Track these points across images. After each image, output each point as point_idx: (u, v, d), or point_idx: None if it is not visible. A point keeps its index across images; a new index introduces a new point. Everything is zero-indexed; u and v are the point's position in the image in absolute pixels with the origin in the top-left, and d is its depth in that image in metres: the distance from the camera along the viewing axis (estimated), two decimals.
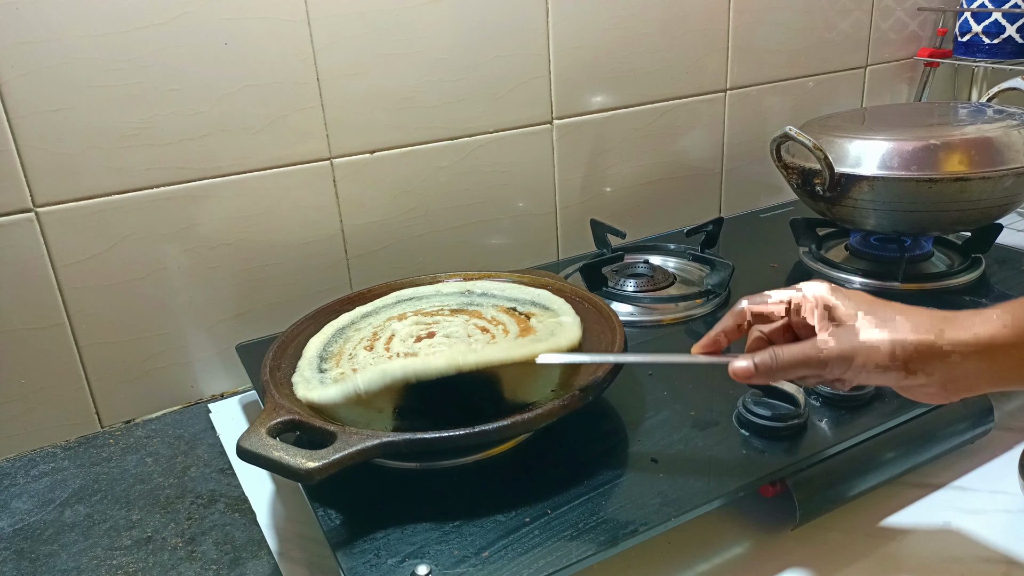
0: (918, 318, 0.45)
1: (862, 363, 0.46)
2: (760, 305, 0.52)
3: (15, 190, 0.67)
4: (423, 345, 0.63)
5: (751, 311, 0.52)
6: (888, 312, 0.46)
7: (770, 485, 0.55)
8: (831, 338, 0.47)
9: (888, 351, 0.45)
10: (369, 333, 0.66)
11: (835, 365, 0.46)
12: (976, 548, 0.54)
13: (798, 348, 0.48)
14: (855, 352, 0.46)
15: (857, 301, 0.48)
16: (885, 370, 0.45)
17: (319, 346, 0.64)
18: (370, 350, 0.63)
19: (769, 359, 0.48)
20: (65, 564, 0.56)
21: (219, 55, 0.72)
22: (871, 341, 0.45)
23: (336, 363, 0.62)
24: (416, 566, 0.47)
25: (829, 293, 0.49)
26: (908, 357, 0.44)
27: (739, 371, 0.49)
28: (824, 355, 0.47)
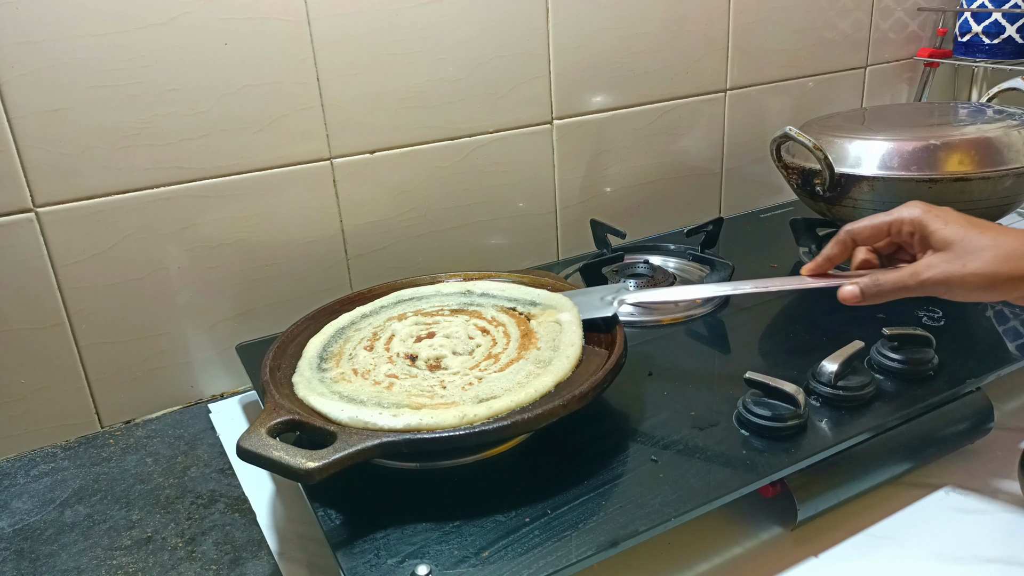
0: (1011, 244, 0.49)
1: (959, 288, 0.50)
2: (861, 230, 0.56)
3: (15, 190, 0.67)
4: (423, 345, 0.63)
5: (852, 236, 0.57)
6: (983, 239, 0.50)
7: (770, 485, 0.55)
8: (925, 267, 0.51)
9: (981, 282, 0.49)
10: (369, 333, 0.66)
11: (932, 290, 0.51)
12: (976, 548, 0.54)
13: (896, 275, 0.53)
14: (949, 281, 0.50)
15: (952, 224, 0.51)
16: (979, 293, 0.50)
17: (319, 346, 0.64)
18: (370, 350, 0.63)
19: (872, 284, 0.54)
20: (65, 564, 0.56)
21: (219, 55, 0.72)
22: (965, 272, 0.50)
23: (336, 363, 0.62)
24: (416, 566, 0.47)
25: (925, 216, 0.53)
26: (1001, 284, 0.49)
27: (847, 295, 0.55)
28: (921, 281, 0.51)
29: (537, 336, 0.63)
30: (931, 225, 0.52)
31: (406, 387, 0.57)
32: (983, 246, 0.50)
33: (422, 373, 0.60)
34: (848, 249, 0.58)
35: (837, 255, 0.58)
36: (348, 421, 0.53)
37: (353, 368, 0.61)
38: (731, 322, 0.78)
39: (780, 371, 0.61)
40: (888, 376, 0.64)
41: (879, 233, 0.56)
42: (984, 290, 0.50)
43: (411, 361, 0.61)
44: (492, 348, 0.63)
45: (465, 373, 0.59)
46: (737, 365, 0.67)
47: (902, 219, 0.54)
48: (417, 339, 0.64)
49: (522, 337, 0.63)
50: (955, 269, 0.50)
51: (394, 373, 0.60)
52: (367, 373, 0.60)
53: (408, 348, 0.63)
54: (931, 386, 0.63)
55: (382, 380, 0.58)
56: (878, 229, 0.56)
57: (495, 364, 0.60)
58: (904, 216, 0.54)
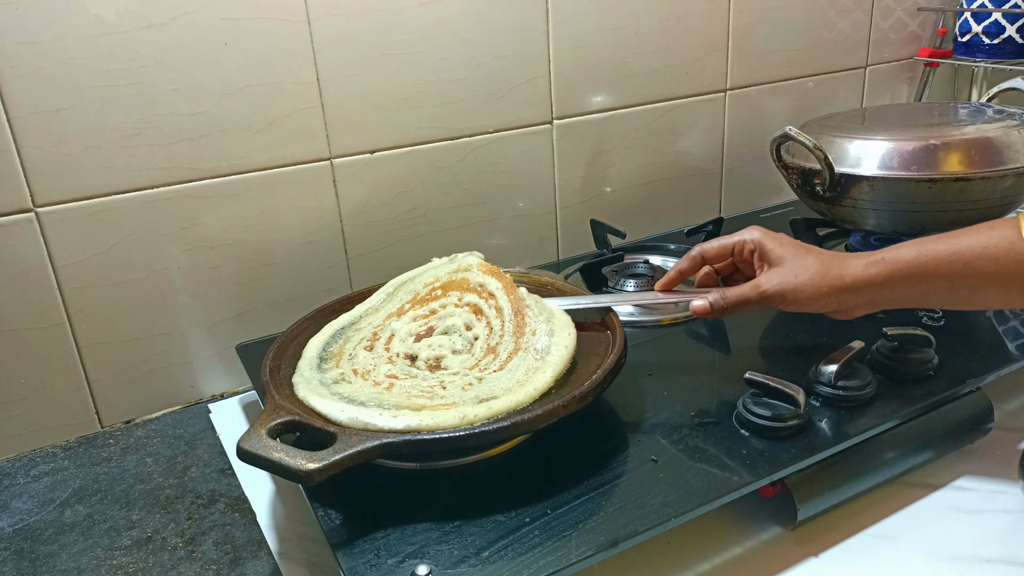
0: (827, 260, 0.60)
1: (793, 300, 0.60)
2: (710, 249, 0.65)
3: (15, 190, 0.67)
4: (423, 345, 0.63)
5: (703, 253, 0.66)
6: (809, 257, 0.60)
7: (770, 485, 0.55)
8: (764, 281, 0.61)
9: (810, 293, 0.59)
10: (369, 333, 0.66)
11: (770, 300, 0.60)
12: (976, 548, 0.54)
13: (740, 289, 0.61)
14: (784, 292, 0.60)
15: (785, 245, 0.61)
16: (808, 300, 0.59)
17: (319, 346, 0.64)
18: (370, 350, 0.63)
19: (720, 298, 0.62)
20: (65, 564, 0.56)
21: (219, 55, 0.72)
22: (797, 283, 0.59)
23: (336, 363, 0.62)
24: (416, 566, 0.47)
25: (762, 237, 0.62)
26: (824, 295, 0.59)
27: (698, 308, 0.63)
28: (761, 291, 0.60)
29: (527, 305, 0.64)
30: (768, 245, 0.62)
31: (406, 388, 0.57)
32: (810, 262, 0.60)
33: (422, 373, 0.60)
34: (697, 265, 0.66)
35: (687, 269, 0.67)
36: (348, 422, 0.53)
37: (353, 368, 0.61)
38: (731, 322, 0.78)
39: (780, 371, 0.61)
40: (888, 376, 0.64)
41: (725, 252, 0.65)
42: (812, 299, 0.59)
43: (411, 361, 0.62)
44: (489, 338, 0.63)
45: (465, 373, 0.59)
46: (737, 365, 0.67)
47: (744, 240, 0.63)
48: (417, 338, 0.64)
49: (515, 315, 0.63)
50: (788, 281, 0.59)
51: (394, 374, 0.60)
52: (367, 373, 0.60)
53: (408, 348, 0.63)
54: (931, 386, 0.63)
55: (382, 381, 0.58)
56: (724, 248, 0.65)
57: (494, 361, 0.60)
58: (746, 237, 0.63)
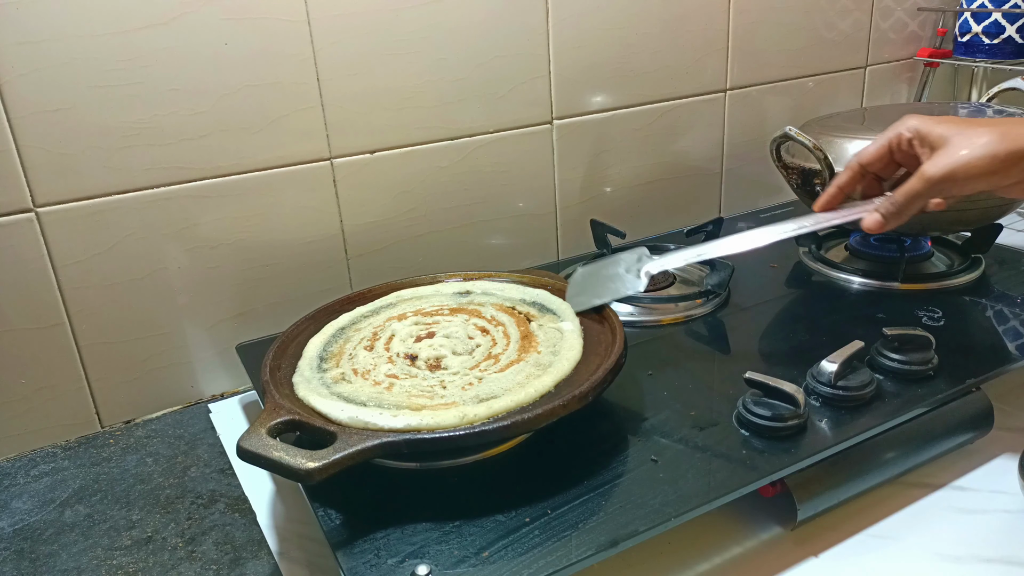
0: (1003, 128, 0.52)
1: (964, 178, 0.52)
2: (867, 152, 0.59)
3: (15, 190, 0.67)
4: (423, 345, 0.63)
5: (860, 160, 0.59)
6: (976, 129, 0.52)
7: (770, 485, 0.55)
8: (929, 166, 0.53)
9: (983, 165, 0.51)
10: (369, 333, 0.66)
11: (940, 188, 0.53)
12: (976, 548, 0.54)
13: (906, 186, 0.55)
14: (954, 172, 0.52)
15: (947, 125, 0.54)
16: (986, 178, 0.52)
17: (319, 346, 0.64)
18: (370, 350, 0.63)
19: (889, 203, 0.56)
20: (65, 564, 0.56)
21: (219, 55, 0.72)
22: (966, 159, 0.51)
23: (336, 363, 0.62)
24: (416, 566, 0.47)
25: (921, 123, 0.56)
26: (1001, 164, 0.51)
27: (870, 223, 0.57)
28: (929, 182, 0.53)
29: (537, 340, 0.63)
30: (926, 127, 0.55)
31: (406, 387, 0.57)
32: (979, 133, 0.52)
33: (422, 373, 0.60)
34: (857, 175, 0.60)
35: (846, 182, 0.60)
36: (348, 421, 0.53)
37: (353, 368, 0.61)
38: (731, 322, 0.78)
39: (780, 371, 0.61)
40: (888, 376, 0.64)
41: (883, 151, 0.58)
42: (987, 175, 0.52)
43: (411, 361, 0.62)
44: (492, 348, 0.63)
45: (465, 373, 0.59)
46: (737, 365, 0.67)
47: (900, 131, 0.57)
48: (417, 339, 0.64)
49: (522, 339, 0.63)
50: (956, 159, 0.52)
51: (394, 373, 0.60)
52: (367, 373, 0.60)
53: (408, 348, 0.63)
54: (931, 386, 0.63)
55: (382, 380, 0.59)
56: (882, 148, 0.58)
57: (495, 364, 0.60)
58: (902, 128, 0.57)
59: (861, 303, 0.81)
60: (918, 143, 0.56)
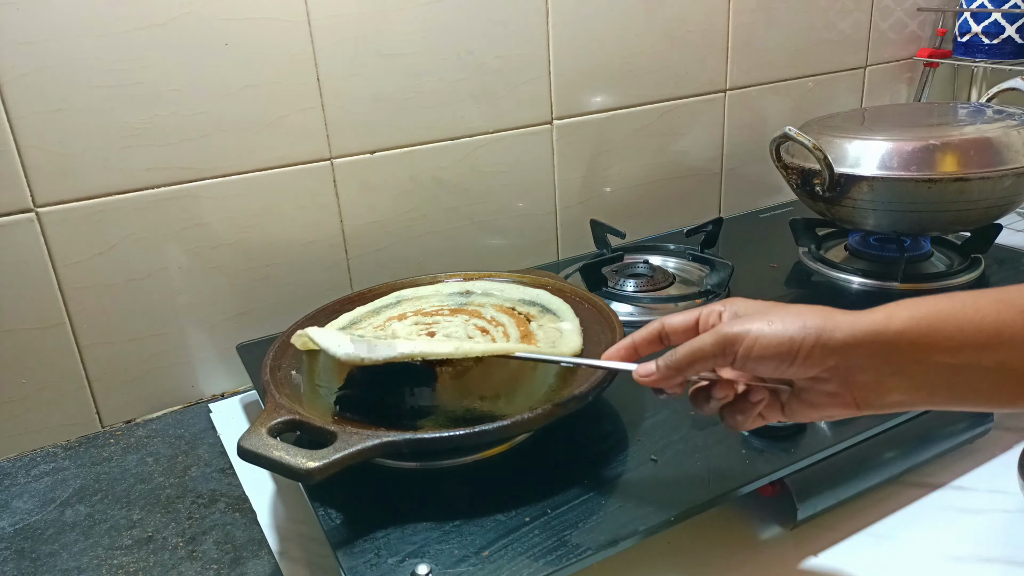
0: (814, 312, 0.44)
1: (751, 344, 0.44)
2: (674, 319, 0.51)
3: (15, 190, 0.67)
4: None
5: (664, 324, 0.51)
6: (790, 309, 0.45)
7: (769, 485, 0.55)
8: (725, 325, 0.46)
9: (778, 332, 0.43)
10: (370, 332, 0.66)
11: (728, 348, 0.45)
12: (975, 548, 0.54)
13: (691, 342, 0.47)
14: (746, 333, 0.44)
15: (763, 304, 0.47)
16: (776, 355, 0.43)
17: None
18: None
19: (669, 357, 0.48)
20: (66, 564, 0.56)
21: (219, 55, 0.72)
22: (762, 327, 0.44)
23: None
24: (416, 565, 0.47)
25: (739, 301, 0.48)
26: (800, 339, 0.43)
27: (642, 373, 0.49)
28: (711, 342, 0.45)
29: (537, 338, 0.63)
30: (742, 305, 0.48)
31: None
32: (789, 312, 0.45)
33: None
34: (656, 337, 0.51)
35: (642, 340, 0.52)
36: (345, 358, 0.54)
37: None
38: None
39: None
40: None
41: (690, 323, 0.50)
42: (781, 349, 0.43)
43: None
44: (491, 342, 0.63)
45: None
46: None
47: (716, 305, 0.49)
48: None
49: (521, 338, 0.64)
50: (754, 325, 0.44)
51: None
52: None
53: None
54: None
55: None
56: (690, 319, 0.50)
57: None
58: (717, 304, 0.49)
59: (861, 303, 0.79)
60: (728, 316, 0.48)
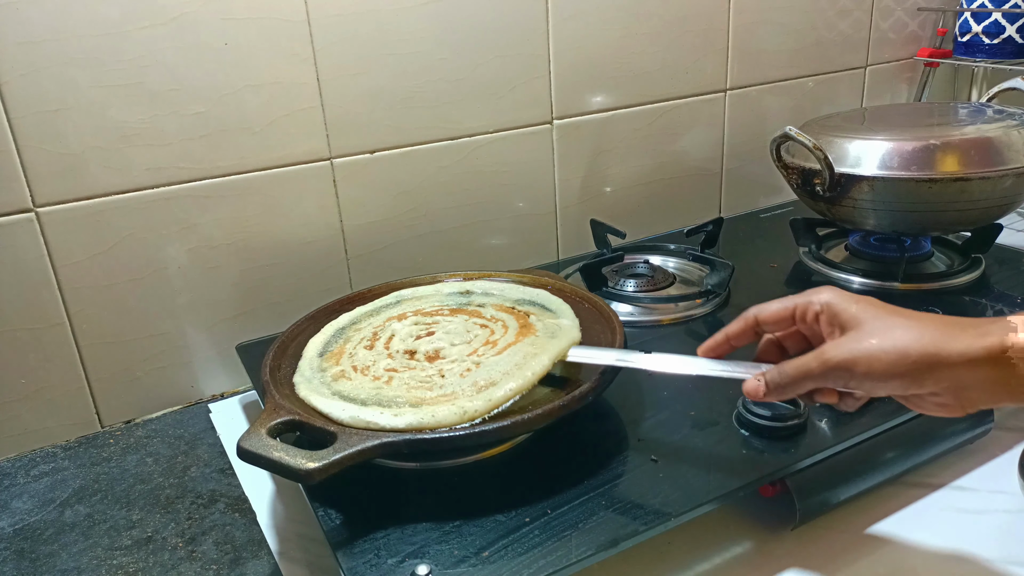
0: (925, 326, 0.43)
1: (864, 372, 0.44)
2: (767, 310, 0.51)
3: (15, 190, 0.67)
4: (422, 342, 0.63)
5: (757, 315, 0.51)
6: (895, 319, 0.44)
7: (770, 485, 0.55)
8: (831, 347, 0.45)
9: (890, 360, 0.43)
10: (369, 333, 0.66)
11: (837, 375, 0.45)
12: (976, 548, 0.54)
13: (801, 361, 0.46)
14: (855, 361, 0.44)
15: (864, 307, 0.46)
16: (889, 379, 0.43)
17: (319, 345, 0.65)
18: (370, 349, 0.63)
19: (777, 375, 0.48)
20: (65, 564, 0.56)
21: (219, 55, 0.72)
22: (872, 350, 0.43)
23: (336, 361, 0.62)
24: (416, 566, 0.47)
25: (835, 299, 0.47)
26: (911, 367, 0.42)
27: (750, 390, 0.49)
28: (825, 366, 0.45)
29: (535, 328, 0.64)
30: (840, 305, 0.47)
31: (404, 379, 0.57)
32: (895, 324, 0.44)
33: (420, 364, 0.60)
34: (750, 329, 0.52)
35: (736, 333, 0.52)
36: (350, 421, 0.53)
37: (353, 365, 0.61)
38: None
39: None
40: None
41: (785, 315, 0.50)
42: (893, 376, 0.43)
43: (410, 355, 0.61)
44: (491, 336, 0.63)
45: (463, 360, 0.59)
46: None
47: (810, 301, 0.48)
48: (417, 338, 0.64)
49: (520, 328, 0.64)
50: (862, 348, 0.44)
51: (393, 367, 0.60)
52: (366, 369, 0.60)
53: (408, 346, 0.63)
54: None
55: (381, 375, 0.59)
56: (784, 311, 0.50)
57: (492, 348, 0.60)
58: (813, 299, 0.48)
59: None
60: (826, 319, 0.47)
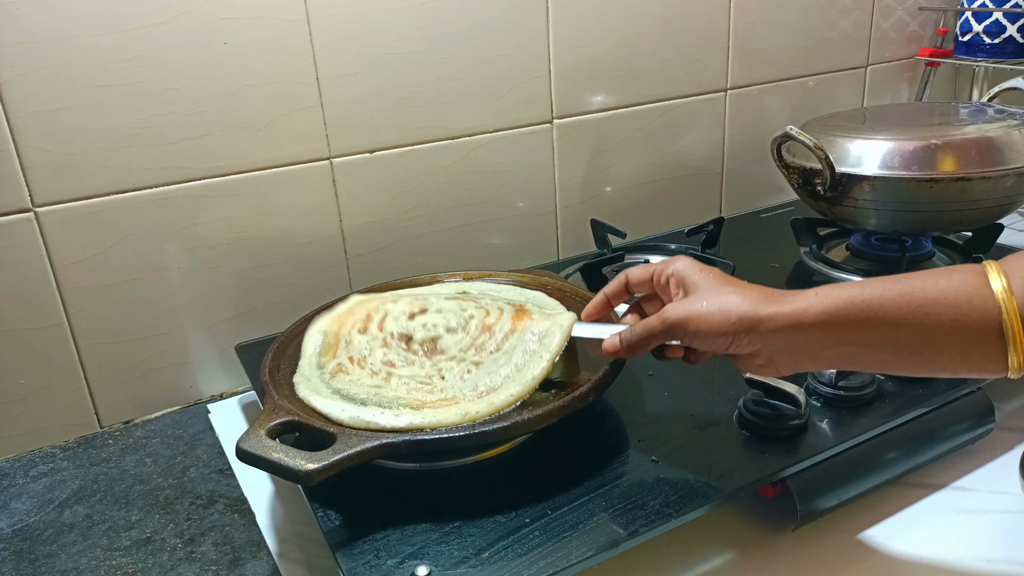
0: (747, 294, 0.50)
1: (695, 330, 0.50)
2: (634, 273, 0.57)
3: (14, 190, 0.67)
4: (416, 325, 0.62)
5: (628, 277, 0.58)
6: (727, 287, 0.51)
7: (771, 486, 0.55)
8: (671, 308, 0.52)
9: (716, 321, 0.49)
10: (363, 315, 0.65)
11: (674, 332, 0.51)
12: (977, 548, 0.54)
13: (647, 321, 0.53)
14: (688, 320, 0.50)
15: (705, 275, 0.52)
16: (715, 337, 0.49)
17: (316, 336, 0.64)
18: (364, 332, 0.62)
19: (629, 334, 0.54)
20: (64, 565, 0.56)
21: (218, 55, 0.72)
22: (701, 311, 0.50)
23: (332, 354, 0.61)
24: (416, 567, 0.47)
25: (686, 267, 0.53)
26: (733, 327, 0.49)
27: (608, 347, 0.55)
28: (664, 324, 0.51)
29: (529, 310, 0.63)
30: (687, 271, 0.53)
31: (404, 378, 0.57)
32: (726, 291, 0.50)
33: (419, 360, 0.59)
34: (623, 289, 0.58)
35: (614, 294, 0.59)
36: (350, 421, 0.53)
37: (349, 356, 0.60)
38: None
39: None
40: (889, 376, 0.64)
41: (646, 278, 0.57)
42: (717, 334, 0.49)
43: (406, 344, 0.61)
44: (486, 319, 0.62)
45: (462, 358, 0.59)
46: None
47: (665, 267, 0.55)
48: (410, 316, 0.63)
49: (516, 311, 0.63)
50: (694, 308, 0.50)
51: (390, 360, 0.59)
52: (363, 361, 0.59)
53: (402, 327, 0.62)
54: (932, 386, 0.63)
55: (380, 370, 0.58)
56: (645, 275, 0.57)
57: (491, 340, 0.60)
58: (669, 266, 0.54)
59: None
60: (674, 284, 0.54)
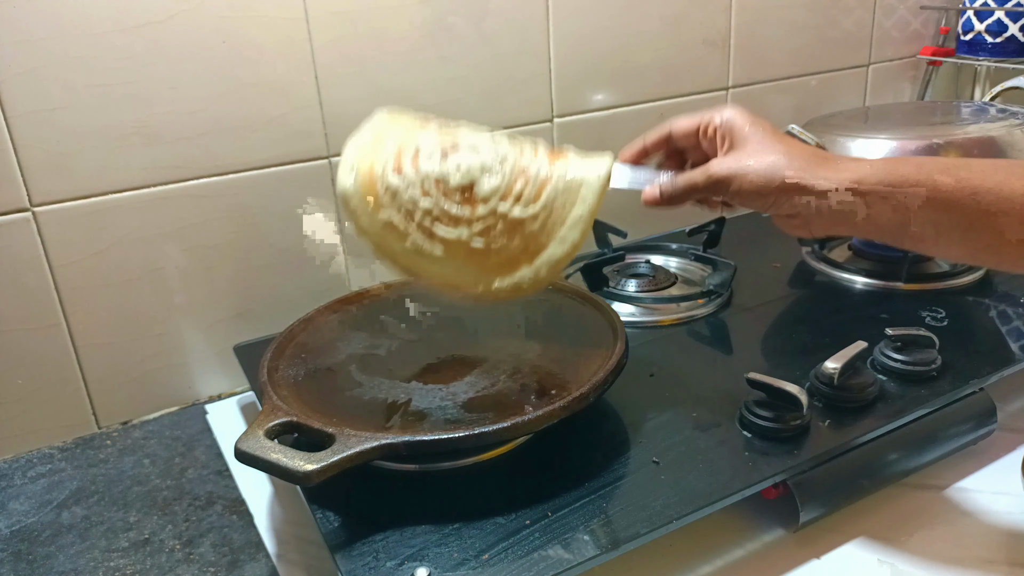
0: (795, 156, 0.49)
1: (737, 188, 0.50)
2: (679, 123, 0.57)
3: (12, 189, 0.66)
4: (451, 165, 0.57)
5: (672, 127, 0.57)
6: (775, 146, 0.50)
7: (772, 487, 0.55)
8: (716, 163, 0.52)
9: (761, 183, 0.49)
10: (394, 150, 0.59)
11: (716, 188, 0.52)
12: (979, 550, 0.54)
13: (690, 174, 0.53)
14: (732, 178, 0.50)
15: (755, 129, 0.52)
16: (756, 198, 0.50)
17: (348, 174, 0.58)
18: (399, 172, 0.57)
19: (670, 185, 0.55)
20: (62, 566, 0.56)
21: (217, 54, 0.71)
22: (747, 171, 0.50)
23: (375, 197, 0.57)
24: (415, 568, 0.47)
25: (735, 116, 0.53)
26: (775, 190, 0.49)
27: (647, 197, 0.57)
28: (709, 179, 0.52)
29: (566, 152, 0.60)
30: (736, 122, 0.53)
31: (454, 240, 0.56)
32: (774, 150, 0.50)
33: (460, 209, 0.56)
34: (664, 139, 0.58)
35: (652, 142, 0.59)
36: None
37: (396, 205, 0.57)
38: (733, 322, 0.77)
39: (782, 372, 0.60)
40: (891, 377, 0.64)
41: (691, 128, 0.56)
42: (759, 195, 0.50)
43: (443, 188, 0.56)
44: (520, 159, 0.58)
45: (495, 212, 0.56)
46: (739, 366, 0.66)
47: (713, 116, 0.54)
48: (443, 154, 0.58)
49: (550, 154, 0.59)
50: (739, 166, 0.50)
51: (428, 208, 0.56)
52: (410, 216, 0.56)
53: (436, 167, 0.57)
54: (934, 387, 0.63)
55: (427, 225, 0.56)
56: (691, 124, 0.56)
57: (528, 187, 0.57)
58: (717, 114, 0.54)
59: (864, 303, 0.81)
60: (722, 135, 0.53)
